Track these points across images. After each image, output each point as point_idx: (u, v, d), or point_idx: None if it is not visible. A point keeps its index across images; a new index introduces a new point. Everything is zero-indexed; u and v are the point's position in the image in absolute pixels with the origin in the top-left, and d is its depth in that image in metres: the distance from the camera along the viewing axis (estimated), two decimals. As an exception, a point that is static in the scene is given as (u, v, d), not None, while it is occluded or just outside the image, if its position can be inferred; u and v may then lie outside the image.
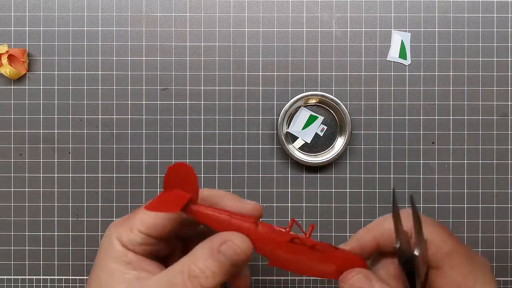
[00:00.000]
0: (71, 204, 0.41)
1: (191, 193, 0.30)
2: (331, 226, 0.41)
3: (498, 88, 0.41)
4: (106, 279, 0.29)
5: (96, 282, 0.30)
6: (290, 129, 0.41)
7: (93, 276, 0.30)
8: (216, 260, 0.28)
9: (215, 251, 0.28)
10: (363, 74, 0.41)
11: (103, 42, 0.41)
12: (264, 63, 0.41)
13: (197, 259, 0.28)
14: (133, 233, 0.30)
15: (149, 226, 0.30)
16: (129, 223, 0.30)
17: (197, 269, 0.28)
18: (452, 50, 0.41)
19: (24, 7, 0.41)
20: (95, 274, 0.30)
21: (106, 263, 0.30)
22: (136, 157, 0.41)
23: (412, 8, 0.41)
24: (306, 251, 0.30)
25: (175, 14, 0.41)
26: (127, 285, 0.29)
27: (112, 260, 0.30)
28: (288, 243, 0.30)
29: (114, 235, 0.30)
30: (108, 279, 0.29)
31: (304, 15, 0.41)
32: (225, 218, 0.30)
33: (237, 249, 0.29)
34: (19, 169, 0.41)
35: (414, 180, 0.41)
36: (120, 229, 0.30)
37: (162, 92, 0.41)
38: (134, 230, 0.30)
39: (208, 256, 0.28)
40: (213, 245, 0.29)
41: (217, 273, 0.28)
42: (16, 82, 0.41)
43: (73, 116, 0.41)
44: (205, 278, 0.28)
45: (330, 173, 0.41)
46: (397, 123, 0.41)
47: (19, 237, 0.41)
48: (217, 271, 0.28)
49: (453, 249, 0.30)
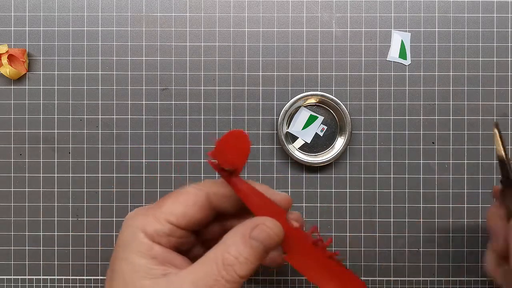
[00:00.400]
0: (71, 204, 0.41)
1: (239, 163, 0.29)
2: (331, 226, 0.41)
3: (498, 88, 0.41)
4: (130, 275, 0.28)
5: (118, 279, 0.28)
6: (290, 129, 0.41)
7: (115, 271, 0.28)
8: (249, 245, 0.27)
9: (247, 237, 0.28)
10: (363, 74, 0.41)
11: (103, 42, 0.41)
12: (264, 63, 0.41)
13: (230, 247, 0.27)
14: (160, 224, 0.29)
15: (178, 216, 0.29)
16: (155, 213, 0.29)
17: (231, 257, 0.27)
18: (452, 50, 0.41)
19: (24, 7, 0.41)
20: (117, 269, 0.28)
21: (129, 257, 0.28)
22: (136, 157, 0.41)
23: (412, 8, 0.41)
24: (323, 259, 0.30)
25: (175, 14, 0.41)
26: (153, 282, 0.27)
27: (136, 254, 0.28)
28: (311, 245, 0.30)
29: (138, 226, 0.29)
30: (132, 275, 0.28)
31: (304, 15, 0.41)
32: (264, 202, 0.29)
33: (270, 232, 0.28)
34: (19, 169, 0.41)
35: (414, 180, 0.41)
36: (145, 220, 0.29)
37: (162, 92, 0.41)
38: (162, 220, 0.29)
39: (240, 242, 0.27)
40: (244, 231, 0.28)
41: (251, 259, 0.27)
42: (16, 82, 0.41)
43: (73, 116, 0.41)
44: (239, 265, 0.27)
45: (330, 173, 0.41)
46: (397, 123, 0.41)
47: (19, 237, 0.41)
48: (251, 257, 0.27)
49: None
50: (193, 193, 0.30)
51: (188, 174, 0.41)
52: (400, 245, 0.41)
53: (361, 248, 0.41)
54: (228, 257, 0.27)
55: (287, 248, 0.30)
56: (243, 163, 0.29)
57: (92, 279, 0.41)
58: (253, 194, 0.30)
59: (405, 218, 0.41)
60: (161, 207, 0.29)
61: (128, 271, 0.28)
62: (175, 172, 0.41)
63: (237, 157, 0.29)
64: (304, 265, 0.30)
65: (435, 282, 0.41)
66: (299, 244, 0.30)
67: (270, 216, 0.29)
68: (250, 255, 0.27)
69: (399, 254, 0.41)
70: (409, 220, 0.41)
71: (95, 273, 0.41)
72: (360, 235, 0.41)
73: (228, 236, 0.28)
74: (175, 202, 0.29)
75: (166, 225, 0.29)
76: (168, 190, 0.41)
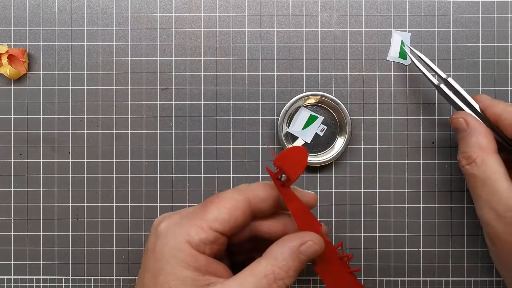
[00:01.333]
0: (71, 204, 0.41)
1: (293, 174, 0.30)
2: (331, 226, 0.41)
3: (498, 88, 0.41)
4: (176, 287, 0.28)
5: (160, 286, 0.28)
6: (290, 129, 0.41)
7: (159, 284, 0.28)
8: (298, 260, 0.29)
9: (296, 252, 0.29)
10: (363, 74, 0.41)
11: (103, 42, 0.41)
12: (264, 63, 0.41)
13: (280, 262, 0.29)
14: (205, 232, 0.29)
15: (223, 222, 0.29)
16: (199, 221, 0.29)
17: (282, 272, 0.29)
18: (452, 50, 0.41)
19: (24, 7, 0.41)
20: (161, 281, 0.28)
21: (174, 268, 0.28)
22: (136, 157, 0.41)
23: (412, 8, 0.41)
24: (346, 273, 0.32)
25: (175, 14, 0.41)
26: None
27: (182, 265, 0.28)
28: (338, 259, 0.32)
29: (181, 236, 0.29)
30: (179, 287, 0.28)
31: (304, 15, 0.41)
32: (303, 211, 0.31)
33: (317, 248, 0.30)
34: (19, 169, 0.41)
35: (414, 180, 0.41)
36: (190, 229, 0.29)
37: (162, 92, 0.41)
38: (206, 228, 0.29)
39: (289, 257, 0.29)
40: (293, 247, 0.29)
41: (298, 272, 0.30)
42: (16, 82, 0.41)
43: (73, 116, 0.41)
44: (289, 278, 0.29)
45: (330, 173, 0.41)
46: (397, 123, 0.41)
47: (19, 237, 0.41)
48: (299, 270, 0.30)
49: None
50: (235, 198, 0.30)
51: (188, 174, 0.41)
52: (400, 245, 0.41)
53: (361, 248, 0.41)
54: (280, 272, 0.29)
55: (318, 260, 0.32)
56: (298, 175, 0.31)
57: (92, 279, 0.41)
58: (299, 205, 0.31)
59: (405, 218, 0.41)
60: (205, 214, 0.29)
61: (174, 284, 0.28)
62: (175, 172, 0.41)
63: (294, 170, 0.30)
64: (328, 276, 0.32)
65: (435, 282, 0.41)
66: (329, 256, 0.32)
67: (311, 229, 0.31)
68: (298, 268, 0.30)
69: (399, 254, 0.41)
70: (409, 220, 0.41)
71: (95, 273, 0.41)
72: (360, 235, 0.41)
73: (277, 250, 0.29)
74: (219, 208, 0.30)
75: (211, 233, 0.29)
76: (168, 190, 0.41)
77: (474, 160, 0.34)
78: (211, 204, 0.30)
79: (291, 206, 0.31)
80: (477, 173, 0.34)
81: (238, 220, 0.30)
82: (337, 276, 0.32)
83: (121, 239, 0.41)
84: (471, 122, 0.35)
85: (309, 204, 0.33)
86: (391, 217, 0.41)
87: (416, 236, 0.41)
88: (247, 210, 0.30)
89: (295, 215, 0.31)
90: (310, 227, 0.31)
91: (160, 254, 0.29)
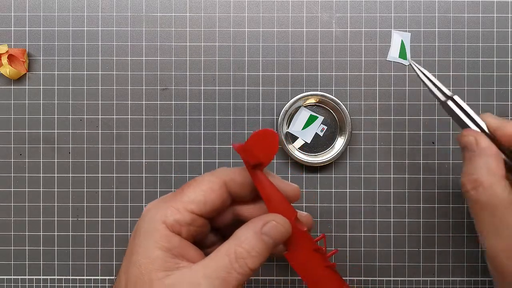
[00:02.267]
0: (71, 204, 0.41)
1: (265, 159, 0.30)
2: (331, 226, 0.41)
3: (498, 88, 0.41)
4: (146, 266, 0.28)
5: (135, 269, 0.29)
6: (290, 129, 0.41)
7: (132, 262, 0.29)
8: (261, 240, 0.29)
9: (259, 232, 0.29)
10: (363, 74, 0.41)
11: (103, 42, 0.41)
12: (264, 63, 0.41)
13: (242, 241, 0.29)
14: (181, 214, 0.29)
15: (199, 204, 0.30)
16: (175, 203, 0.30)
17: (244, 250, 0.28)
18: (452, 50, 0.41)
19: (24, 7, 0.41)
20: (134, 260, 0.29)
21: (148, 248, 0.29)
22: (136, 157, 0.41)
23: (412, 8, 0.41)
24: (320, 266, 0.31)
25: (175, 14, 0.41)
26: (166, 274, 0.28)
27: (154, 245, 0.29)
28: (312, 251, 0.31)
29: (159, 217, 0.29)
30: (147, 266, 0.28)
31: (304, 15, 0.41)
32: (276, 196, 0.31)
33: (280, 227, 0.30)
34: (19, 169, 0.41)
35: (414, 180, 0.41)
36: (166, 211, 0.30)
37: (162, 92, 0.41)
38: (182, 210, 0.30)
39: (252, 237, 0.29)
40: (256, 227, 0.29)
41: (261, 253, 0.29)
42: (16, 82, 0.41)
43: (73, 116, 0.41)
44: (251, 258, 0.28)
45: (330, 173, 0.41)
46: (397, 123, 0.41)
47: (19, 237, 0.41)
48: (262, 251, 0.29)
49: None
50: (211, 181, 0.31)
51: (188, 174, 0.41)
52: (400, 245, 0.41)
53: (361, 248, 0.41)
54: (241, 251, 0.28)
55: (290, 247, 0.31)
56: (270, 159, 0.31)
57: (92, 279, 0.41)
58: (271, 190, 0.31)
59: (405, 218, 0.41)
60: (181, 196, 0.30)
61: (144, 263, 0.29)
62: (175, 172, 0.41)
63: (264, 154, 0.30)
64: (300, 266, 0.31)
65: (435, 282, 0.41)
66: (302, 246, 0.31)
67: (282, 214, 0.31)
68: (261, 249, 0.29)
69: (399, 254, 0.41)
70: (409, 220, 0.41)
71: (95, 273, 0.41)
72: (360, 235, 0.41)
73: (240, 231, 0.29)
74: (195, 191, 0.30)
75: (187, 214, 0.30)
76: (168, 190, 0.41)
77: (481, 184, 0.31)
78: (188, 187, 0.30)
79: (263, 191, 0.31)
80: (484, 199, 0.31)
81: (215, 202, 0.30)
82: (312, 268, 0.31)
83: (121, 239, 0.41)
84: (482, 143, 0.32)
85: (290, 196, 0.32)
86: (391, 217, 0.41)
87: (416, 236, 0.41)
88: (224, 193, 0.31)
89: (267, 200, 0.31)
90: (282, 212, 0.31)
91: (137, 235, 0.30)
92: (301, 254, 0.31)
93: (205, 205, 0.30)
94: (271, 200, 0.31)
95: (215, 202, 0.30)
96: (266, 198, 0.31)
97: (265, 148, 0.30)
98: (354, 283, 0.41)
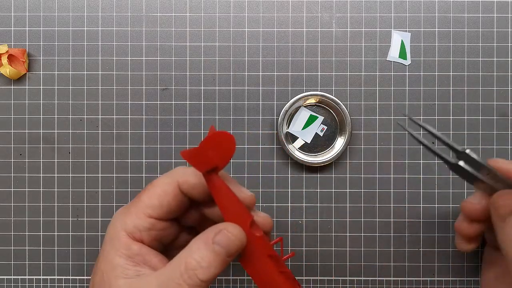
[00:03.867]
0: (71, 204, 0.41)
1: (221, 162, 0.29)
2: (331, 226, 0.41)
3: (498, 88, 0.41)
4: (107, 273, 0.29)
5: (99, 276, 0.29)
6: (290, 129, 0.41)
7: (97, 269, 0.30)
8: (211, 250, 0.28)
9: (210, 242, 0.28)
10: (363, 74, 0.41)
11: (103, 42, 0.41)
12: (264, 63, 0.41)
13: (193, 252, 0.28)
14: (139, 219, 0.30)
15: (155, 208, 0.30)
16: (134, 209, 0.30)
17: (194, 261, 0.28)
18: (452, 50, 0.41)
19: (24, 7, 0.41)
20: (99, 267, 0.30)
21: (109, 255, 0.30)
22: (136, 157, 0.41)
23: (412, 8, 0.41)
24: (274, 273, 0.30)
25: (175, 14, 0.41)
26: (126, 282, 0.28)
27: (116, 252, 0.29)
28: (267, 257, 0.30)
29: (119, 224, 0.30)
30: (109, 273, 0.29)
31: (304, 15, 0.41)
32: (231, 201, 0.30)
33: (232, 237, 0.29)
34: (19, 169, 0.41)
35: (414, 180, 0.41)
36: (126, 218, 0.30)
37: (162, 92, 0.41)
38: (141, 215, 0.30)
39: (203, 247, 0.28)
40: (207, 237, 0.29)
41: (213, 264, 0.28)
42: (16, 82, 0.41)
43: (73, 116, 0.41)
44: (201, 269, 0.28)
45: (330, 173, 0.41)
46: (397, 123, 0.41)
47: (19, 237, 0.41)
48: (213, 261, 0.28)
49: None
50: (165, 183, 0.30)
51: (188, 174, 0.41)
52: (400, 245, 0.41)
53: (361, 248, 0.41)
54: (191, 261, 0.28)
55: (244, 253, 0.30)
56: (225, 163, 0.29)
57: (92, 279, 0.41)
58: (226, 194, 0.30)
59: (405, 218, 0.41)
60: (138, 202, 0.30)
61: (106, 270, 0.29)
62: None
63: (219, 157, 0.29)
64: (254, 273, 0.30)
65: (435, 282, 0.41)
66: (256, 252, 0.30)
67: (237, 220, 0.29)
68: (213, 260, 0.28)
69: (399, 254, 0.41)
70: (409, 220, 0.41)
71: (95, 273, 0.41)
72: (360, 235, 0.41)
73: (193, 241, 0.29)
74: (150, 196, 0.30)
75: (145, 219, 0.30)
76: (168, 190, 0.41)
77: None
78: (144, 191, 0.30)
79: (216, 195, 0.30)
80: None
81: (171, 204, 0.30)
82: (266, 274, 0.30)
83: (121, 239, 0.41)
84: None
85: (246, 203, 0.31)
86: (391, 217, 0.41)
87: (416, 236, 0.41)
88: (179, 194, 0.30)
89: (221, 204, 0.30)
90: (236, 218, 0.29)
91: (103, 242, 0.30)
92: (255, 260, 0.30)
93: (161, 208, 0.30)
94: (225, 205, 0.30)
95: (171, 204, 0.30)
96: (220, 202, 0.30)
97: (221, 151, 0.29)
98: (354, 283, 0.41)
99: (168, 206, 0.30)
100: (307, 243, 0.41)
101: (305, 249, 0.41)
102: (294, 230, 0.41)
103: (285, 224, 0.41)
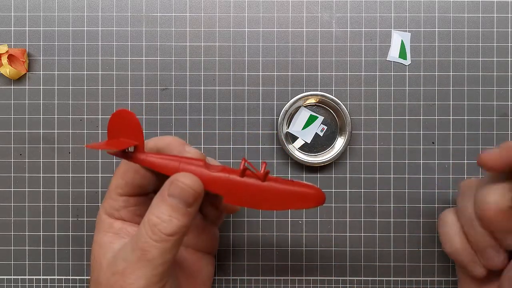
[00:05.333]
0: (71, 204, 0.41)
1: (137, 139, 0.30)
2: (331, 226, 0.41)
3: (498, 88, 0.41)
4: (97, 252, 0.31)
5: (92, 258, 0.32)
6: (290, 129, 0.41)
7: (91, 253, 0.32)
8: (168, 204, 0.29)
9: (165, 196, 0.29)
10: (363, 74, 0.41)
11: (103, 42, 0.41)
12: (264, 63, 0.41)
13: (153, 209, 0.29)
14: (113, 200, 0.32)
15: (123, 186, 0.32)
16: (108, 194, 0.33)
17: (154, 217, 0.29)
18: (452, 50, 0.41)
19: (24, 7, 0.41)
20: (92, 251, 0.32)
21: (97, 237, 0.32)
22: (136, 157, 0.41)
23: (412, 8, 0.41)
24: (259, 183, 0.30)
25: (175, 14, 0.41)
26: (112, 253, 0.30)
27: (102, 233, 0.32)
28: (241, 179, 0.30)
29: (101, 211, 0.33)
30: (99, 252, 0.31)
31: (304, 15, 0.41)
32: (174, 164, 0.30)
33: (183, 186, 0.29)
34: (19, 169, 0.41)
35: (414, 180, 0.41)
36: (104, 203, 0.33)
37: (162, 92, 0.41)
38: (114, 196, 0.32)
39: (160, 202, 0.29)
40: (162, 191, 0.29)
41: (174, 216, 0.29)
42: (16, 82, 0.41)
43: (73, 116, 0.41)
44: (163, 224, 0.28)
45: (330, 173, 0.41)
46: (397, 123, 0.41)
47: (19, 237, 0.41)
48: (173, 214, 0.29)
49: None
50: (124, 163, 0.33)
51: (188, 174, 0.41)
52: (400, 245, 0.41)
53: (361, 248, 0.41)
54: (152, 218, 0.29)
55: (222, 191, 0.30)
56: (141, 138, 0.30)
57: (92, 279, 0.41)
58: (162, 158, 0.30)
59: (405, 218, 0.41)
60: (110, 186, 0.33)
61: (96, 250, 0.32)
62: (175, 172, 0.41)
63: (131, 135, 0.30)
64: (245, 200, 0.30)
65: (435, 282, 0.41)
66: (228, 181, 0.30)
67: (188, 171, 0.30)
68: (172, 212, 0.29)
69: (399, 254, 0.41)
70: (409, 220, 0.41)
71: (95, 273, 0.41)
72: (360, 235, 0.41)
73: (154, 198, 0.30)
74: (116, 177, 0.32)
75: (118, 198, 0.32)
76: (168, 190, 0.41)
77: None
78: (112, 176, 0.33)
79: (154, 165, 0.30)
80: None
81: (136, 179, 0.32)
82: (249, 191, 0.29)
83: (121, 239, 0.41)
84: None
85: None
86: (391, 217, 0.41)
87: (416, 236, 0.41)
88: (140, 169, 0.32)
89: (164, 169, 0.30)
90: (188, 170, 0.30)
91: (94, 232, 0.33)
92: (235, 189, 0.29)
93: (127, 185, 0.32)
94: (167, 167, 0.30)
95: (136, 179, 0.32)
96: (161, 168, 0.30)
97: (130, 129, 0.30)
98: (354, 283, 0.41)
99: (133, 181, 0.32)
100: (307, 243, 0.41)
101: (305, 249, 0.41)
102: (294, 230, 0.41)
103: (285, 224, 0.41)
